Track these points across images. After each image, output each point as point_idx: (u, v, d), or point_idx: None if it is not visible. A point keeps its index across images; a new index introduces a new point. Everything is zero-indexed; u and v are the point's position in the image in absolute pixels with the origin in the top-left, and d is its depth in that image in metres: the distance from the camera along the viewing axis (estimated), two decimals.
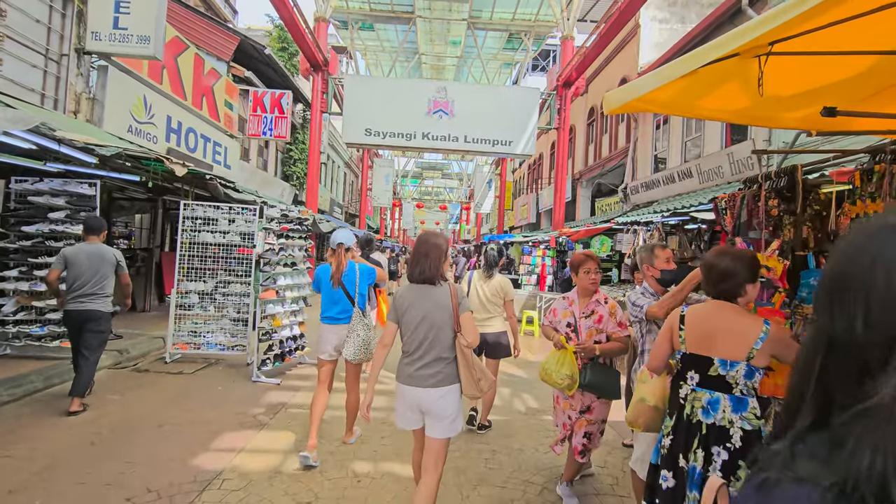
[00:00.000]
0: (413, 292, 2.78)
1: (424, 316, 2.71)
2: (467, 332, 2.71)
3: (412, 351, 2.75)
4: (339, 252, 3.87)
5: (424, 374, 2.69)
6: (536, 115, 15.17)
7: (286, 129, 14.23)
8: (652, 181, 13.93)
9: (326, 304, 3.97)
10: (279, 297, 6.00)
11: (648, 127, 15.06)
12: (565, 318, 3.41)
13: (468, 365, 2.74)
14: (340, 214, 26.89)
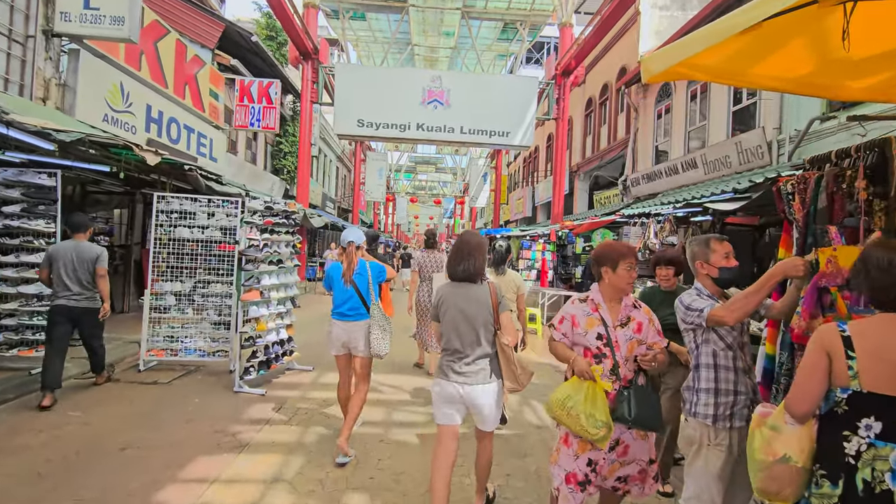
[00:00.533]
0: (453, 291, 2.86)
1: (466, 314, 2.78)
2: (507, 331, 2.80)
3: (454, 349, 2.81)
4: (351, 250, 3.88)
5: (468, 370, 2.76)
6: (535, 105, 14.59)
7: (275, 119, 13.54)
8: (654, 173, 13.40)
9: (337, 301, 3.98)
10: (263, 299, 5.39)
11: (649, 117, 14.51)
12: (591, 328, 2.51)
13: (509, 361, 2.80)
14: (333, 209, 26.19)
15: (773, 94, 9.73)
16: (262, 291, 5.34)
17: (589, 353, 2.54)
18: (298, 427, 4.36)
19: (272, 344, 5.59)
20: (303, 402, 5.02)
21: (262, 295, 5.34)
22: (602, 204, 17.86)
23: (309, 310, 11.63)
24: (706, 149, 11.29)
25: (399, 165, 45.53)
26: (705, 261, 2.51)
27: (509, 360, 2.80)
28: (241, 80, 13.54)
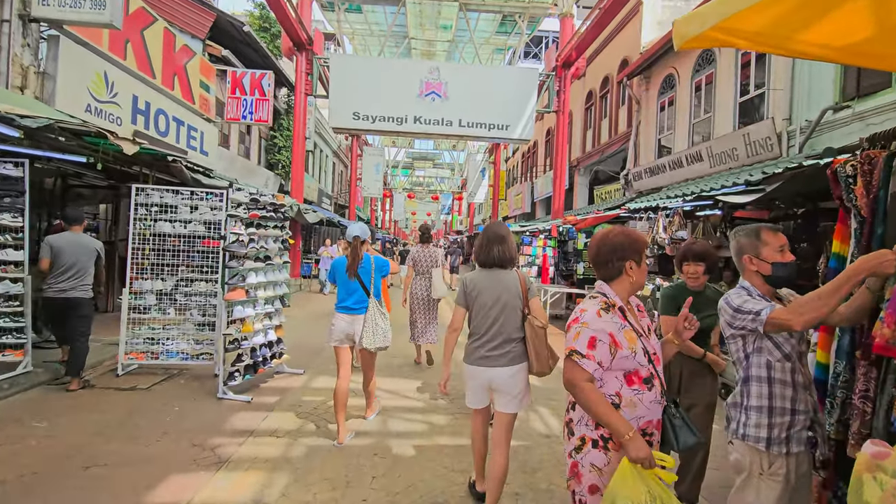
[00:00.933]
0: (484, 277, 2.88)
1: (497, 299, 2.81)
2: (539, 315, 2.85)
3: (483, 333, 2.84)
4: (356, 245, 3.92)
5: (496, 354, 2.80)
6: (535, 97, 14.16)
7: (268, 112, 13.08)
8: (657, 166, 13.01)
9: (342, 295, 4.02)
10: (249, 298, 4.97)
11: (652, 110, 14.11)
12: (635, 344, 1.91)
13: (542, 344, 2.82)
14: (329, 205, 25.73)
15: (783, 84, 9.36)
16: (248, 290, 4.93)
17: (637, 379, 1.92)
18: (285, 439, 3.96)
19: (259, 346, 5.18)
20: (291, 410, 4.62)
21: (248, 294, 4.92)
22: (602, 199, 17.47)
23: (303, 309, 11.29)
24: (712, 141, 10.89)
25: (396, 161, 45.04)
26: (755, 255, 2.11)
27: (542, 343, 2.82)
28: (232, 71, 13.07)
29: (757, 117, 10.06)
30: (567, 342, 1.94)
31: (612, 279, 2.05)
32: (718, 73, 11.33)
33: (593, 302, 1.99)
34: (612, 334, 1.90)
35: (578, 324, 1.93)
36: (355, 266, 3.91)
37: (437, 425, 4.43)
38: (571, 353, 1.89)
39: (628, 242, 2.03)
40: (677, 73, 12.99)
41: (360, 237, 3.95)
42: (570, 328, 1.97)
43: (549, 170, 22.00)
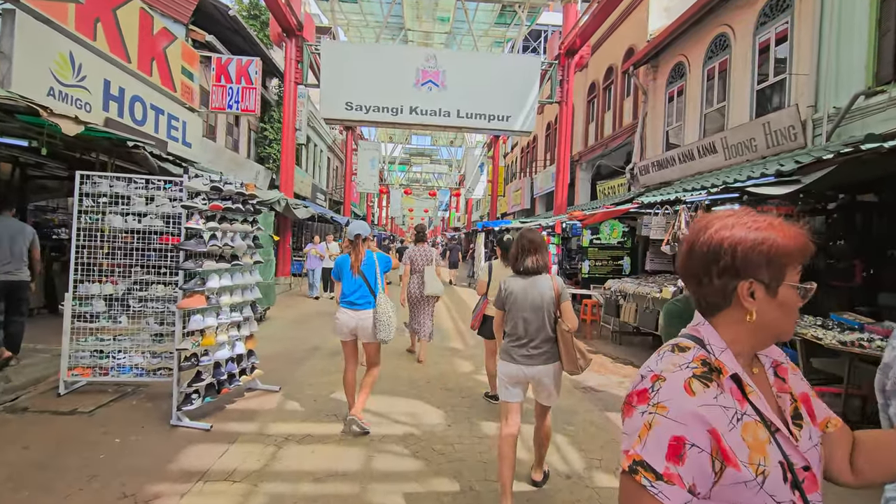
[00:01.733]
0: (521, 282, 3.00)
1: (533, 303, 2.94)
2: (568, 319, 2.98)
3: (522, 335, 2.97)
4: (358, 242, 3.99)
5: (534, 353, 2.95)
6: (537, 87, 13.31)
7: (255, 101, 12.20)
8: (665, 160, 12.18)
9: (346, 290, 4.05)
10: (211, 305, 4.13)
11: (660, 100, 13.28)
12: (758, 456, 0.91)
13: (570, 345, 2.95)
14: (324, 201, 24.85)
15: (807, 67, 8.56)
16: (209, 296, 4.09)
17: None
18: (243, 485, 3.13)
19: (225, 361, 4.35)
20: (258, 441, 3.79)
21: (209, 300, 4.07)
22: (605, 194, 16.67)
23: (289, 311, 10.38)
24: (727, 132, 10.07)
25: (393, 157, 44.09)
26: None
27: (570, 344, 2.94)
28: (217, 57, 12.18)
29: (777, 105, 9.26)
30: (626, 441, 0.96)
31: (717, 313, 1.05)
32: (733, 60, 10.51)
33: (677, 360, 0.99)
34: (715, 433, 0.91)
35: (648, 406, 0.94)
36: (359, 263, 3.96)
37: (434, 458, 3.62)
38: (634, 465, 0.91)
39: (756, 243, 0.98)
40: (688, 61, 12.16)
41: (362, 235, 4.01)
42: (629, 411, 0.99)
43: (549, 164, 21.18)
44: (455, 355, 7.02)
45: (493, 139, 24.54)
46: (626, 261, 11.53)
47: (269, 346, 6.78)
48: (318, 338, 7.51)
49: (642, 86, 13.62)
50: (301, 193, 19.98)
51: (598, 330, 9.04)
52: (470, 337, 8.13)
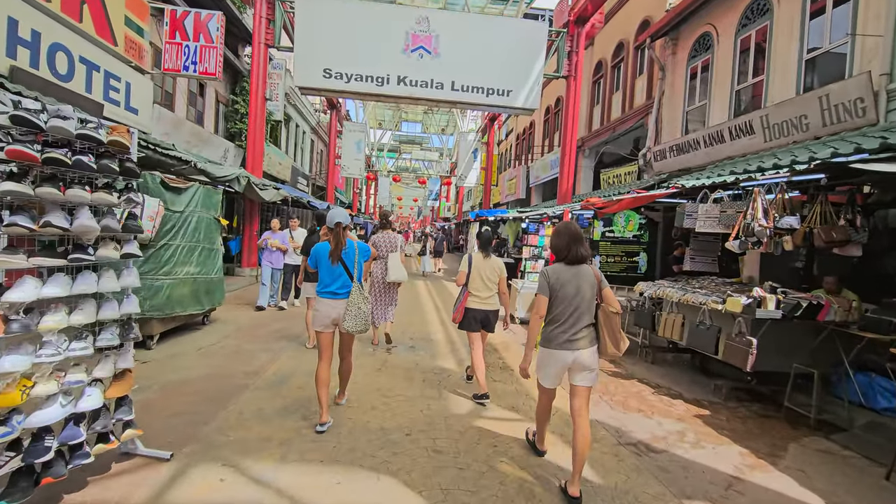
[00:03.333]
0: (567, 271, 3.05)
1: (578, 291, 3.00)
2: (613, 303, 3.06)
3: (565, 320, 3.01)
4: (338, 230, 3.83)
5: (579, 337, 3.01)
6: (543, 57, 11.47)
7: (215, 63, 10.20)
8: (686, 143, 10.46)
9: (327, 280, 3.85)
10: (13, 332, 2.29)
11: (680, 77, 11.55)
12: None
13: (614, 328, 3.06)
14: (306, 186, 22.82)
15: (880, 27, 6.88)
16: (10, 316, 2.24)
17: None
18: None
19: (68, 422, 2.52)
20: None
21: (10, 324, 2.23)
22: (610, 183, 14.95)
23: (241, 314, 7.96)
24: (768, 109, 8.37)
25: (382, 144, 41.95)
26: None
27: (614, 326, 3.06)
28: (171, 9, 10.14)
29: (837, 75, 7.56)
30: None
31: None
32: (776, 25, 8.78)
33: None
34: None
35: None
36: (339, 251, 3.80)
37: None
38: None
39: None
40: (716, 31, 10.42)
41: (343, 223, 3.86)
42: None
43: (547, 152, 19.43)
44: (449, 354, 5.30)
45: (487, 123, 22.66)
46: (641, 257, 9.84)
47: (193, 366, 4.97)
48: (267, 355, 5.66)
49: (659, 61, 11.87)
50: (279, 176, 17.99)
51: None
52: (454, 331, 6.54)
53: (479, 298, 4.57)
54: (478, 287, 4.57)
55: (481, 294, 4.57)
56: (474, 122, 28.61)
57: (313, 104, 24.05)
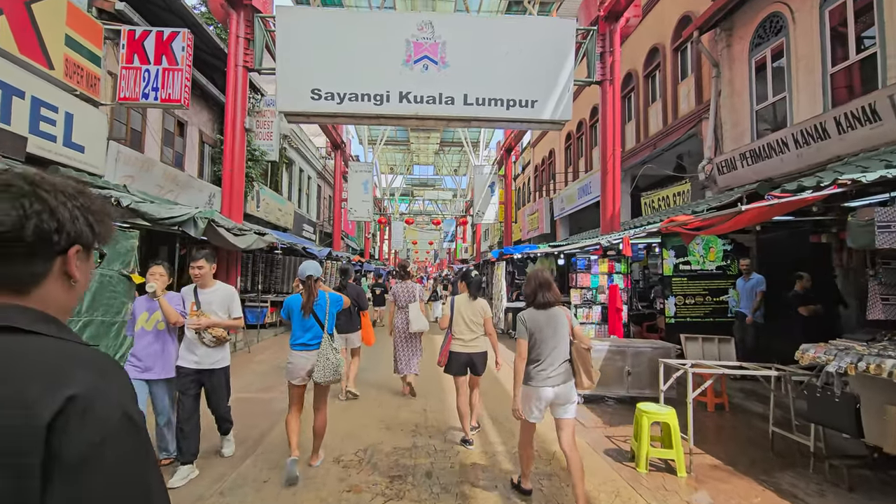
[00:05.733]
0: (540, 315, 3.29)
1: (555, 331, 3.25)
2: (584, 340, 3.31)
3: (544, 359, 3.23)
4: (310, 283, 3.76)
5: (557, 374, 3.21)
6: (572, 60, 9.33)
7: (180, 88, 8.27)
8: (766, 147, 8.03)
9: (298, 332, 3.79)
10: None
11: (741, 72, 9.26)
12: None
13: (585, 363, 3.26)
14: (313, 233, 20.79)
15: None
16: None
17: None
18: None
19: None
20: None
21: None
22: (655, 208, 12.48)
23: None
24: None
25: (394, 189, 40.36)
26: None
27: (586, 361, 3.26)
28: (128, 30, 8.33)
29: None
30: None
31: None
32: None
33: None
34: None
35: None
36: (311, 304, 3.73)
37: None
38: None
39: None
40: (789, 10, 8.18)
41: (314, 276, 3.79)
42: None
43: (572, 180, 17.14)
44: None
45: (503, 154, 20.59)
46: (732, 296, 7.20)
47: None
48: None
49: (711, 57, 9.64)
50: (279, 223, 15.94)
51: (745, 438, 4.64)
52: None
53: (463, 341, 4.48)
54: (461, 330, 4.51)
55: (465, 337, 4.50)
56: (487, 161, 26.72)
57: (319, 149, 22.42)
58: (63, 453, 0.57)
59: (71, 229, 0.74)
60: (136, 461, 0.64)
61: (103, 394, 0.63)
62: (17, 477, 0.55)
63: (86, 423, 0.59)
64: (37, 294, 0.72)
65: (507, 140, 20.22)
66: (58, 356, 0.65)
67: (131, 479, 0.63)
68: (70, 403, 0.59)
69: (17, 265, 0.70)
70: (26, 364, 0.62)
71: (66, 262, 0.75)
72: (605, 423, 4.93)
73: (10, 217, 0.67)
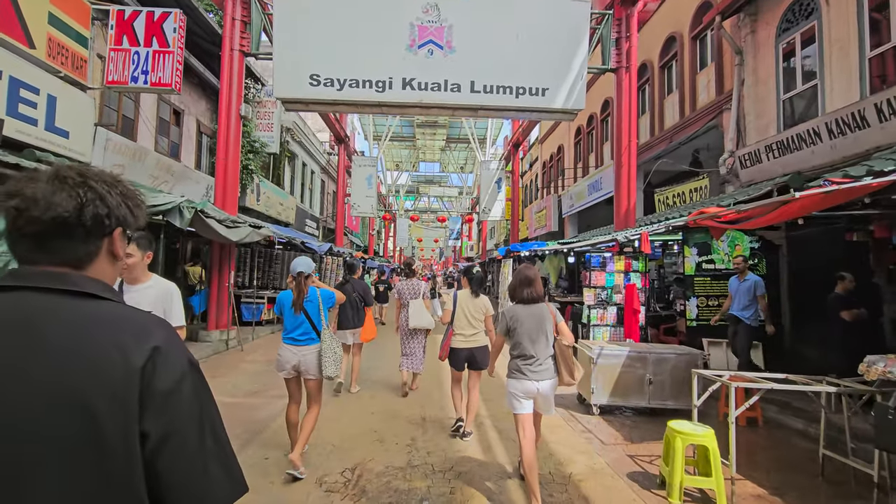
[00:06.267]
0: (523, 310, 3.33)
1: (537, 327, 3.26)
2: (568, 336, 3.35)
3: (528, 355, 3.26)
4: (300, 280, 3.75)
5: (541, 369, 3.23)
6: (586, 45, 8.75)
7: (171, 71, 7.79)
8: (795, 138, 7.41)
9: (289, 327, 3.75)
10: None
11: (767, 59, 8.64)
12: None
13: (567, 359, 3.33)
14: (316, 229, 20.32)
15: None
16: None
17: None
18: None
19: None
20: None
21: None
22: (669, 204, 11.86)
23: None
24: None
25: (399, 186, 39.82)
26: None
27: (568, 358, 3.33)
28: (118, 10, 7.85)
29: None
30: None
31: None
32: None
33: None
34: None
35: None
36: (301, 300, 3.70)
37: None
38: None
39: None
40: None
41: (305, 272, 3.76)
42: None
43: (581, 176, 16.54)
44: None
45: (511, 149, 19.99)
46: None
47: None
48: None
49: (734, 44, 9.01)
50: (280, 218, 15.46)
51: (794, 458, 4.06)
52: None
53: (464, 336, 4.48)
54: (462, 325, 4.51)
55: (465, 332, 4.49)
56: (494, 157, 26.11)
57: (323, 143, 21.93)
58: (153, 388, 0.76)
59: (118, 214, 0.86)
60: (202, 390, 0.84)
61: (175, 345, 0.82)
62: (122, 406, 0.73)
63: (168, 366, 0.79)
64: (90, 269, 0.86)
65: (514, 135, 19.61)
66: (137, 317, 0.84)
67: (202, 403, 0.82)
68: (155, 352, 0.78)
69: (77, 244, 0.83)
70: (116, 323, 0.80)
71: (112, 243, 0.88)
72: (625, 439, 4.37)
73: (71, 205, 0.80)
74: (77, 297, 0.80)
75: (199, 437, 0.79)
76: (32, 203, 0.78)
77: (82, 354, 0.74)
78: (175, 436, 0.76)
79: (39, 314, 0.76)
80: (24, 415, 0.70)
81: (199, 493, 0.77)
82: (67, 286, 0.79)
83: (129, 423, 0.73)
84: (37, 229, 0.79)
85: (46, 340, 0.74)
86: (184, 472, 0.76)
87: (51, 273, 0.80)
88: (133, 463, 0.72)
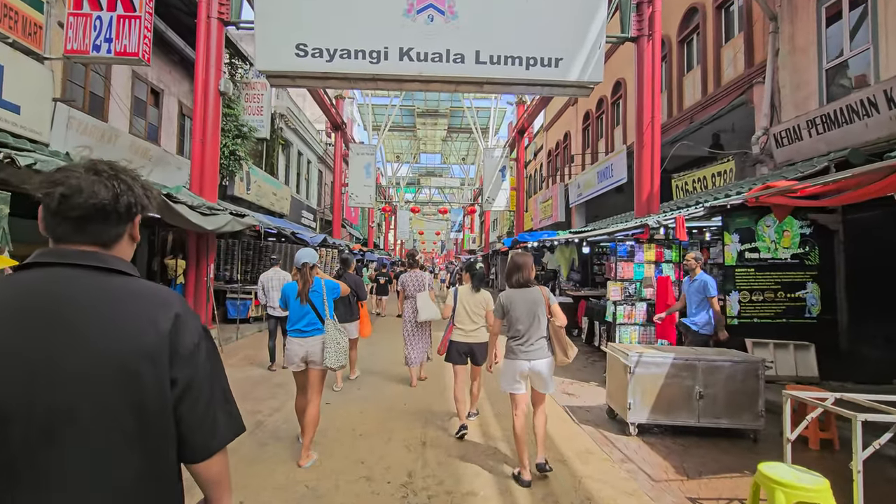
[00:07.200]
0: (516, 293, 3.49)
1: (529, 309, 3.40)
2: (559, 317, 3.43)
3: (522, 335, 3.42)
4: (305, 271, 3.77)
5: (534, 349, 3.39)
6: (604, 10, 7.77)
7: (139, 39, 6.83)
8: (846, 110, 6.43)
9: (294, 319, 3.77)
10: None
11: (807, 24, 7.64)
12: None
13: (560, 340, 3.46)
14: (313, 220, 19.38)
15: None
16: None
17: None
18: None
19: None
20: None
21: None
22: (689, 191, 10.90)
23: None
24: None
25: (399, 178, 38.75)
26: None
27: (560, 338, 3.45)
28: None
29: None
30: None
31: None
32: None
33: None
34: None
35: None
36: (306, 291, 3.73)
37: None
38: None
39: None
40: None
41: (309, 263, 3.78)
42: None
43: (589, 163, 15.56)
44: None
45: (515, 135, 18.96)
46: (811, 291, 5.66)
47: None
48: None
49: (768, 8, 8.01)
50: (273, 208, 14.53)
51: None
52: None
53: (464, 331, 4.48)
54: (462, 320, 4.51)
55: (466, 327, 4.50)
56: (498, 146, 25.05)
57: (320, 132, 20.92)
58: (178, 349, 0.96)
59: (142, 202, 1.02)
60: (215, 352, 1.06)
61: (191, 313, 1.03)
62: (157, 364, 0.93)
63: (188, 330, 0.99)
64: (115, 249, 1.02)
65: (519, 120, 18.59)
66: (159, 290, 1.02)
67: (216, 361, 1.06)
68: (177, 319, 0.98)
69: (110, 228, 0.99)
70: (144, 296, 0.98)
71: (133, 227, 1.05)
72: (678, 472, 3.44)
73: (109, 194, 0.96)
74: (107, 273, 0.98)
75: (210, 389, 1.02)
76: (77, 191, 0.94)
77: (123, 324, 0.93)
78: (194, 385, 0.98)
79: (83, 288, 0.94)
80: (85, 372, 0.88)
81: (210, 431, 1.00)
82: (100, 263, 0.96)
83: (163, 375, 0.94)
84: (80, 213, 0.95)
85: (95, 311, 0.92)
86: (199, 415, 0.99)
87: (85, 252, 0.97)
88: (165, 408, 0.94)
